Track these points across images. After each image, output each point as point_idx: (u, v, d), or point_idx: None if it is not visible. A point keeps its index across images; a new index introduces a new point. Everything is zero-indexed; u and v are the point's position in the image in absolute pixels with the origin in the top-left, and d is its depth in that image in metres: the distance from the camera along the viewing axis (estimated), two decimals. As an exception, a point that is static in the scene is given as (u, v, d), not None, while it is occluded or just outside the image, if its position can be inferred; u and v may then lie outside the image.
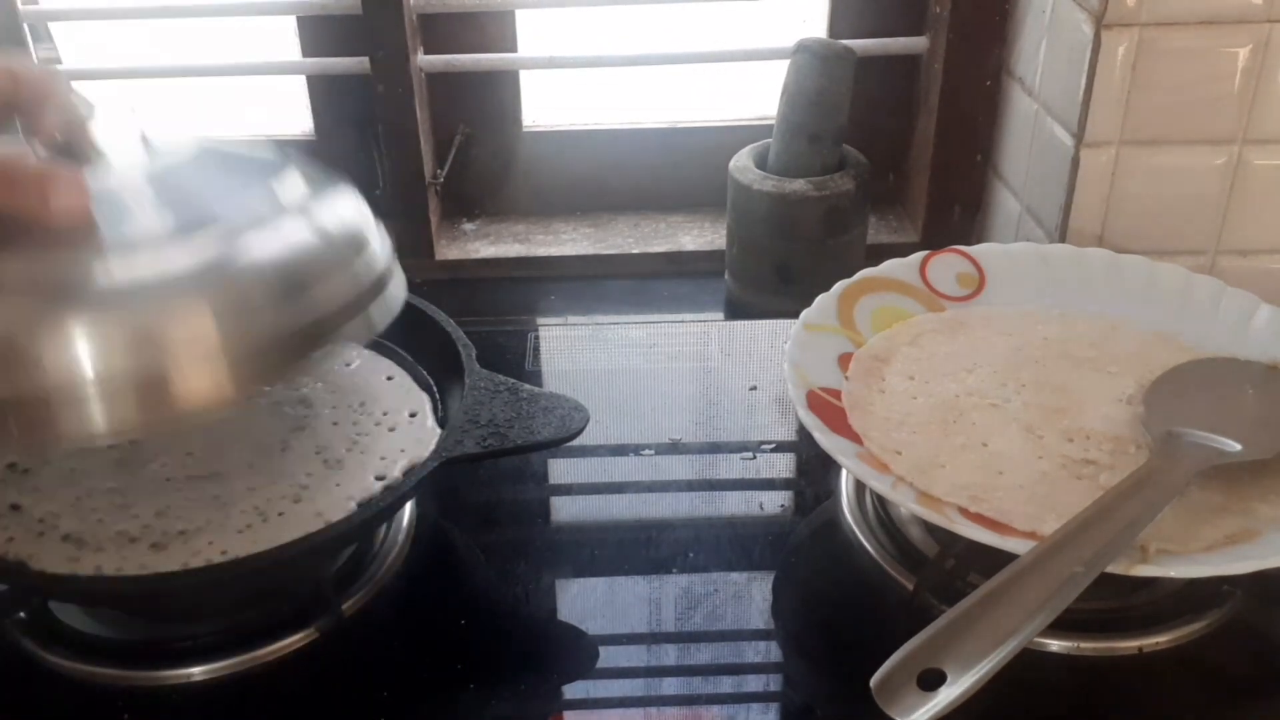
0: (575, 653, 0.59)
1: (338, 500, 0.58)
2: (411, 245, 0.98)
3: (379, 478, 0.60)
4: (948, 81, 0.91)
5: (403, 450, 0.61)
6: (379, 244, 0.55)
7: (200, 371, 0.47)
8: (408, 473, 0.60)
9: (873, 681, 0.44)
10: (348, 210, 0.55)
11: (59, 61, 0.92)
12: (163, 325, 0.46)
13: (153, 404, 0.46)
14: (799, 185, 0.85)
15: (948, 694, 0.41)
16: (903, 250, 0.75)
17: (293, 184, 0.54)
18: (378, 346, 0.70)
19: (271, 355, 0.48)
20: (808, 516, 0.68)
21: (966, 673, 0.42)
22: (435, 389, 0.66)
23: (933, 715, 0.41)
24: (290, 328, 0.49)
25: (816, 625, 0.62)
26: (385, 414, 0.64)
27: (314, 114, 1.00)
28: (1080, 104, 0.75)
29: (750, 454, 0.72)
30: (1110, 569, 0.52)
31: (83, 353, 0.45)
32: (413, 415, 0.64)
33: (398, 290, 0.56)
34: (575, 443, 0.60)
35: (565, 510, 0.71)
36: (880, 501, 0.65)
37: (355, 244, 0.53)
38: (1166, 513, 0.55)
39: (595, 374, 0.81)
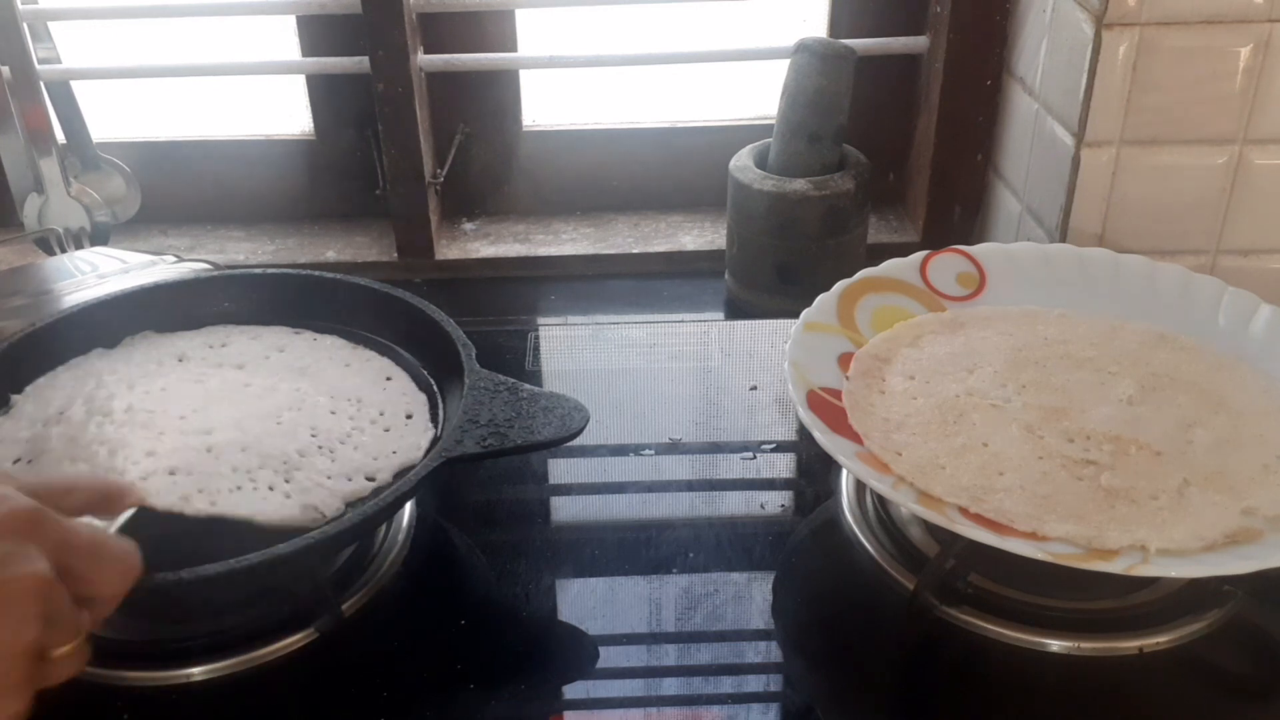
0: (575, 653, 0.59)
1: (327, 494, 0.58)
2: (411, 245, 0.98)
3: (369, 478, 0.59)
4: (948, 81, 0.91)
5: (394, 452, 0.61)
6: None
7: None
8: (399, 474, 0.60)
9: None
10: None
11: (59, 61, 0.92)
12: None
13: None
14: (799, 185, 0.85)
15: None
16: (903, 250, 0.75)
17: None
18: (377, 346, 0.70)
19: None
20: (808, 516, 0.68)
21: None
22: (435, 389, 0.66)
23: None
24: None
25: (816, 625, 0.62)
26: (381, 414, 0.64)
27: (314, 114, 1.00)
28: (1081, 104, 0.75)
29: (750, 454, 0.72)
30: (1110, 569, 0.52)
31: None
32: (409, 417, 0.64)
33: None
34: (575, 443, 0.60)
35: (565, 510, 0.71)
36: (880, 501, 0.65)
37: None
38: (1166, 513, 0.55)
39: (595, 374, 0.81)
